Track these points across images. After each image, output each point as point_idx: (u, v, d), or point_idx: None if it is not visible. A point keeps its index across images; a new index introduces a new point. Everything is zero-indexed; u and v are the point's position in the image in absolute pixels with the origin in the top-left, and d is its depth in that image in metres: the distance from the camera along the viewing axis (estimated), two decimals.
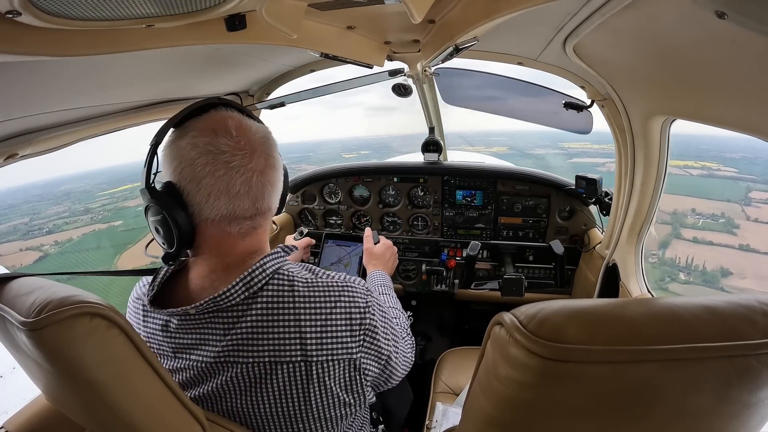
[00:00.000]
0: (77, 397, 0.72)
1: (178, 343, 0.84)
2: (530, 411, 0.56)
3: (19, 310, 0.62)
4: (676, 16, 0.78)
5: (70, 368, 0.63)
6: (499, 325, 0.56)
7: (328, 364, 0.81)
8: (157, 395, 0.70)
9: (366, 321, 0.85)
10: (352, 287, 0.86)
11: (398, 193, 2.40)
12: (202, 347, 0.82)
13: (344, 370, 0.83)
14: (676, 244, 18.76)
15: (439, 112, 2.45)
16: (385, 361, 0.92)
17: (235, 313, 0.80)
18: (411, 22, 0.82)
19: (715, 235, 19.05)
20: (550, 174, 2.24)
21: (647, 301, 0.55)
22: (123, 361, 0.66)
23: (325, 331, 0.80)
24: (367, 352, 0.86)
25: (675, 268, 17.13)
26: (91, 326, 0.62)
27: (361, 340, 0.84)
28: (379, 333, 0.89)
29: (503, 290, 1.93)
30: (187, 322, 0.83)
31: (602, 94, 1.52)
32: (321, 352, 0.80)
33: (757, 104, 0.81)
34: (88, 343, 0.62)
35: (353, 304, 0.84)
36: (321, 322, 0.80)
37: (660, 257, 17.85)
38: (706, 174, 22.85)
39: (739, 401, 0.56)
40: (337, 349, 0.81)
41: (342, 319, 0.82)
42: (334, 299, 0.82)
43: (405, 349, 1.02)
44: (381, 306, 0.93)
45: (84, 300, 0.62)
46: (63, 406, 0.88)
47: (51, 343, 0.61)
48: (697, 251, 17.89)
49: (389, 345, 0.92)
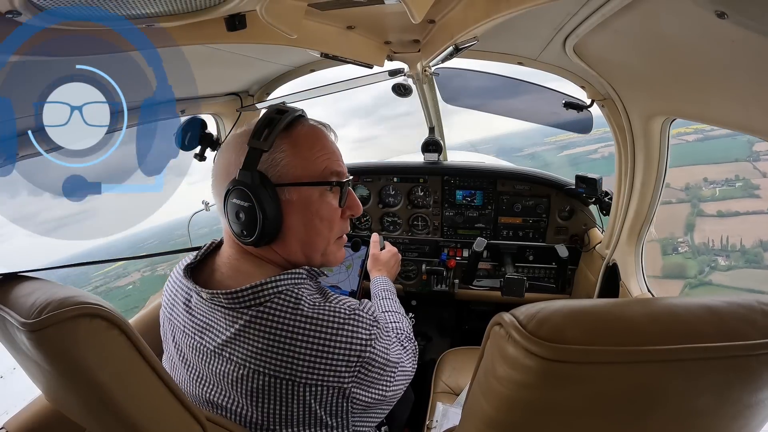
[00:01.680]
0: (77, 397, 0.72)
1: (197, 320, 0.86)
2: (530, 411, 0.56)
3: (19, 311, 0.62)
4: (676, 16, 0.78)
5: (70, 369, 0.63)
6: (499, 326, 0.56)
7: (316, 389, 0.78)
8: (157, 396, 0.70)
9: (366, 353, 0.82)
10: (359, 316, 0.82)
11: (398, 193, 2.40)
12: (208, 331, 0.83)
13: (332, 397, 0.80)
14: (702, 223, 16.61)
15: (439, 112, 2.45)
16: (379, 391, 0.89)
17: (236, 314, 0.80)
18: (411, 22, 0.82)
19: (738, 203, 16.84)
20: (550, 174, 2.24)
21: (647, 301, 0.55)
22: (123, 362, 0.66)
23: (321, 355, 0.77)
24: (360, 382, 0.83)
25: (711, 253, 15.32)
26: (92, 327, 0.62)
27: (356, 371, 0.81)
28: (377, 366, 0.86)
29: (504, 290, 1.93)
30: (202, 304, 0.85)
31: (602, 94, 1.52)
32: (311, 376, 0.77)
33: (757, 104, 0.81)
34: (89, 344, 0.62)
35: (356, 333, 0.81)
36: (318, 346, 0.77)
37: (690, 244, 15.71)
38: (701, 137, 20.73)
39: (740, 402, 0.56)
40: (329, 376, 0.78)
41: (341, 346, 0.79)
42: (337, 325, 0.79)
43: (405, 368, 0.98)
44: (385, 337, 0.90)
45: (84, 301, 0.63)
46: (63, 407, 0.89)
47: (51, 344, 0.61)
48: (726, 227, 15.81)
49: (384, 376, 0.89)
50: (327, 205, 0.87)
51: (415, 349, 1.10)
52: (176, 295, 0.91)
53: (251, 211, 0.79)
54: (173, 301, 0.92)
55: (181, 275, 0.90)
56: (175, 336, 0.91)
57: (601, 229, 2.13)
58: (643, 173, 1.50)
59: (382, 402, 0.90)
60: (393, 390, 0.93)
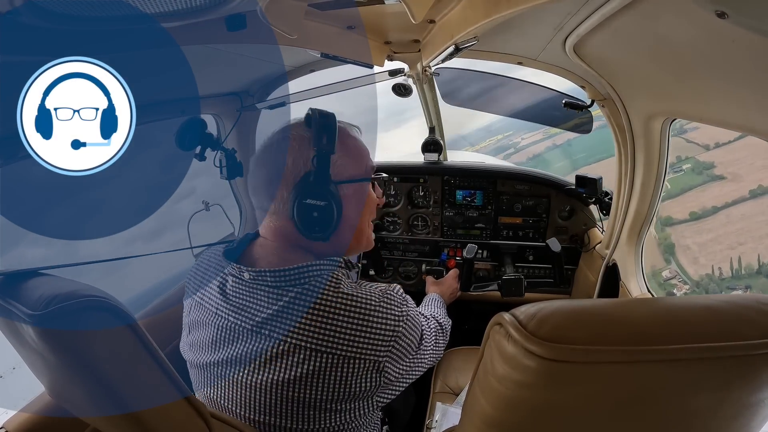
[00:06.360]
0: (82, 391, 0.72)
1: (232, 303, 0.90)
2: (529, 411, 0.56)
3: (26, 304, 0.63)
4: (677, 16, 0.78)
5: (75, 361, 0.63)
6: (499, 325, 0.56)
7: (356, 362, 0.85)
8: (162, 390, 0.71)
9: (400, 328, 0.90)
10: (390, 296, 0.91)
11: (398, 193, 2.40)
12: (246, 312, 0.88)
13: (368, 371, 0.87)
14: (680, 237, 11.50)
15: (439, 112, 2.45)
16: (407, 365, 0.96)
17: (281, 291, 0.86)
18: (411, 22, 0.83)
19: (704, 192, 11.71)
20: (550, 174, 2.24)
21: (647, 301, 0.55)
22: (128, 355, 0.67)
23: (360, 329, 0.85)
24: (392, 356, 0.90)
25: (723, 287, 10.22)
26: (98, 320, 0.63)
27: (390, 345, 0.89)
28: (407, 341, 0.94)
29: (503, 291, 1.94)
30: (241, 285, 0.90)
31: (602, 94, 1.52)
32: (351, 349, 0.84)
33: (757, 104, 0.81)
34: (95, 337, 0.63)
35: (390, 310, 0.89)
36: (358, 322, 0.85)
37: (687, 278, 10.48)
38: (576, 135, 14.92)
39: (739, 401, 0.56)
40: (368, 349, 0.86)
41: (378, 322, 0.87)
42: (374, 303, 0.88)
43: (428, 349, 1.08)
44: (415, 316, 0.99)
45: (91, 294, 0.63)
46: (66, 402, 0.89)
47: (58, 336, 0.62)
48: (716, 234, 10.83)
49: (412, 351, 0.97)
50: (371, 196, 1.02)
51: (443, 341, 1.24)
52: (208, 280, 0.97)
53: (327, 209, 0.88)
54: (203, 285, 0.98)
55: (221, 258, 0.96)
56: (203, 319, 0.95)
57: (601, 229, 2.13)
58: (643, 173, 1.50)
59: (408, 374, 0.99)
60: (418, 366, 1.03)
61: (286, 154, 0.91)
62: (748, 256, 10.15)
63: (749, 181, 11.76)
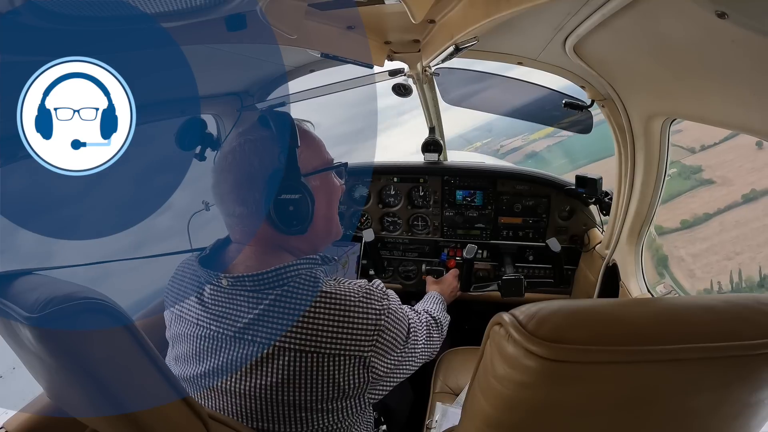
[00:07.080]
0: (80, 393, 0.72)
1: (212, 311, 0.90)
2: (529, 411, 0.56)
3: (23, 306, 0.63)
4: (676, 16, 0.78)
5: (73, 363, 0.63)
6: (499, 325, 0.56)
7: (340, 359, 0.85)
8: (160, 392, 0.70)
9: (381, 321, 0.90)
10: (370, 291, 0.92)
11: (398, 193, 2.40)
12: (226, 319, 0.88)
13: (354, 366, 0.87)
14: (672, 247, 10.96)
15: (439, 112, 2.45)
16: (393, 360, 0.96)
17: (260, 295, 0.86)
18: (411, 22, 0.83)
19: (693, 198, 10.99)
20: (550, 174, 2.24)
21: (647, 301, 0.55)
22: (126, 357, 0.67)
23: (342, 326, 0.85)
24: (377, 351, 0.90)
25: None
26: (96, 322, 0.63)
27: (374, 339, 0.89)
28: (391, 335, 0.93)
29: (503, 292, 1.94)
30: (219, 293, 0.90)
31: (602, 94, 1.52)
32: (335, 346, 0.84)
33: (757, 104, 0.81)
34: (93, 339, 0.63)
35: (370, 305, 0.90)
36: (338, 318, 0.85)
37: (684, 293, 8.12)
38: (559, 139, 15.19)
39: (739, 401, 0.56)
40: (351, 346, 0.86)
41: (359, 317, 0.87)
42: (354, 299, 0.88)
43: (417, 347, 1.06)
44: (398, 310, 0.99)
45: (89, 296, 0.63)
46: (65, 404, 0.89)
47: (55, 339, 0.61)
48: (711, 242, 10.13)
49: (398, 345, 0.96)
50: (335, 184, 1.03)
51: (438, 336, 1.23)
52: (185, 291, 0.97)
53: (302, 201, 0.90)
54: (181, 297, 0.96)
55: (197, 266, 0.95)
56: (184, 332, 0.94)
57: (601, 229, 2.13)
58: (643, 173, 1.50)
59: (398, 369, 0.99)
60: (409, 361, 1.03)
61: (252, 155, 0.91)
62: (748, 267, 9.62)
63: (740, 185, 11.38)
